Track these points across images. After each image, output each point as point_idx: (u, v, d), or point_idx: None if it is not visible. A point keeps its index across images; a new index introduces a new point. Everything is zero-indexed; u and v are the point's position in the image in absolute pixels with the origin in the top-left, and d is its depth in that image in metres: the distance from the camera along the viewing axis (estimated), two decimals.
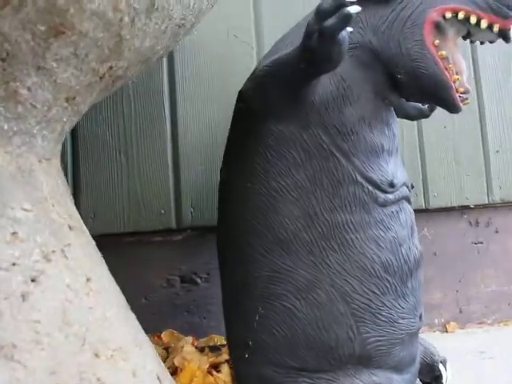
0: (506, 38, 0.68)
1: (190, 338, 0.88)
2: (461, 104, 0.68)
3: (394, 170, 0.69)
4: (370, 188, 0.66)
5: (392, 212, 0.68)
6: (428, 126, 1.05)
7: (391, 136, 0.70)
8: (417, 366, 0.73)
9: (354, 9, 0.54)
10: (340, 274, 0.65)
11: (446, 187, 1.06)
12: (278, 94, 0.65)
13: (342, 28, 0.55)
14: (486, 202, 1.08)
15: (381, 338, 0.66)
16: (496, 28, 0.66)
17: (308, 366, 0.65)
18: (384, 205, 0.67)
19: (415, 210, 1.03)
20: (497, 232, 1.11)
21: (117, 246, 0.93)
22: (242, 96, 0.71)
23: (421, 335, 0.75)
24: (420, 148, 1.06)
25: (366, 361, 0.66)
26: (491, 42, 0.71)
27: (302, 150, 0.66)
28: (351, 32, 0.67)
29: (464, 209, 1.08)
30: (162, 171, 0.94)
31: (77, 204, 0.92)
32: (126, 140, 0.94)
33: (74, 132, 0.92)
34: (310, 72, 0.61)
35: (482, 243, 1.10)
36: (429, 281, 1.07)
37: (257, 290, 0.67)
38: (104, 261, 0.60)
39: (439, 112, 1.07)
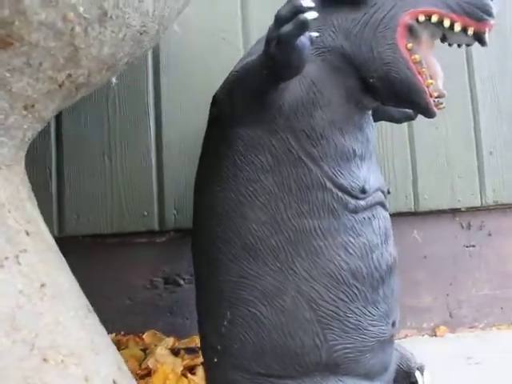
0: (481, 42, 0.66)
1: (171, 339, 0.89)
2: (435, 109, 0.67)
3: (366, 175, 0.69)
4: (340, 194, 0.66)
5: (364, 218, 0.67)
6: (419, 126, 1.04)
7: (364, 141, 0.69)
8: (390, 373, 0.72)
9: (310, 15, 0.53)
10: (306, 281, 0.64)
11: (436, 189, 1.04)
12: (245, 100, 0.65)
13: (299, 34, 0.54)
14: (479, 204, 1.06)
15: (349, 346, 0.65)
16: (470, 31, 0.65)
17: (274, 372, 0.65)
18: (355, 211, 0.66)
19: (405, 213, 1.04)
20: (490, 235, 1.09)
21: (100, 247, 0.94)
22: (214, 100, 0.71)
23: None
24: (411, 149, 1.04)
25: (334, 368, 0.65)
26: (468, 45, 0.69)
27: (271, 155, 0.65)
28: (320, 36, 0.67)
29: (456, 211, 1.06)
30: (146, 173, 0.94)
31: (60, 205, 0.94)
32: (110, 142, 0.94)
33: (57, 134, 0.93)
34: (274, 78, 0.60)
35: (474, 246, 1.08)
36: (418, 284, 1.05)
37: (224, 294, 0.67)
38: (65, 265, 0.60)
39: None
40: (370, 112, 0.73)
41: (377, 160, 0.93)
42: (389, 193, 0.75)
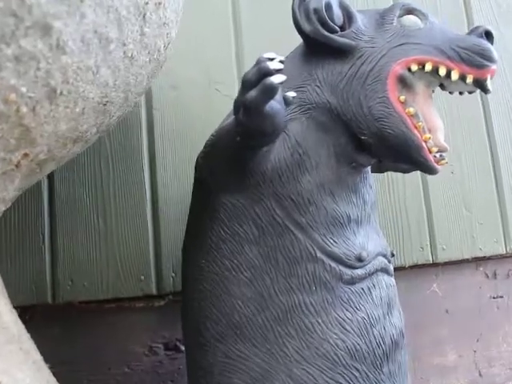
0: (483, 90, 0.60)
1: None
2: (436, 165, 0.60)
3: (363, 241, 0.62)
4: (333, 264, 0.59)
5: (362, 289, 0.61)
6: None
7: (360, 203, 0.63)
8: None
9: (277, 78, 0.48)
10: (298, 363, 0.58)
11: (455, 238, 0.96)
12: (224, 166, 0.60)
13: (266, 100, 0.49)
14: (504, 251, 0.97)
15: None
16: (470, 79, 0.58)
17: None
18: (351, 282, 0.60)
19: (422, 265, 0.96)
20: None
21: (97, 314, 0.90)
22: (196, 165, 0.67)
23: None
24: (425, 196, 0.97)
25: None
26: (470, 92, 0.63)
27: (255, 226, 0.60)
28: (304, 92, 0.62)
29: (478, 260, 0.98)
30: (142, 235, 0.90)
31: (54, 271, 0.90)
32: (104, 203, 0.90)
33: (50, 197, 0.90)
34: (248, 145, 0.55)
35: (501, 297, 0.99)
36: (441, 341, 0.97)
37: (214, 377, 0.61)
38: (30, 356, 0.55)
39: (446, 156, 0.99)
40: (369, 170, 0.67)
41: (379, 220, 0.87)
42: (393, 255, 0.68)
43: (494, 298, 0.99)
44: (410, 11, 0.63)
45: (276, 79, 0.48)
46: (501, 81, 1.04)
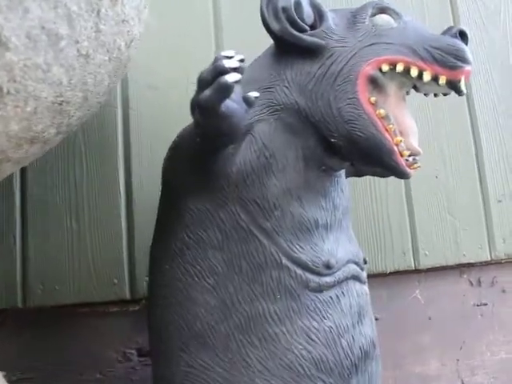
0: (457, 91, 0.58)
1: None
2: (408, 169, 0.58)
3: (332, 247, 0.60)
4: (299, 271, 0.57)
5: (330, 297, 0.58)
6: (416, 175, 0.94)
7: (330, 208, 0.61)
8: None
9: (232, 77, 0.46)
10: (261, 374, 0.55)
11: (438, 244, 0.94)
12: (187, 168, 0.58)
13: (220, 99, 0.47)
14: (488, 258, 0.95)
15: None
16: (442, 80, 0.56)
17: None
18: (318, 290, 0.58)
19: (404, 272, 0.94)
20: (504, 292, 0.97)
21: (69, 318, 0.87)
22: (162, 168, 0.64)
23: None
24: (407, 200, 0.95)
25: None
26: (445, 94, 0.61)
27: (219, 231, 0.58)
28: (272, 92, 0.60)
29: (462, 267, 0.96)
30: (116, 238, 0.87)
31: (25, 274, 0.87)
32: (78, 204, 0.88)
33: (22, 197, 0.88)
34: (208, 146, 0.53)
35: (486, 305, 0.97)
36: (423, 349, 0.95)
37: None
38: None
39: (428, 159, 0.97)
40: (341, 173, 0.65)
41: (359, 224, 0.86)
42: (365, 263, 0.66)
43: (477, 305, 0.97)
44: (382, 10, 0.60)
45: (231, 78, 0.46)
46: (487, 84, 1.02)
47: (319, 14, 0.61)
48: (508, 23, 1.07)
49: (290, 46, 0.60)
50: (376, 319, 0.92)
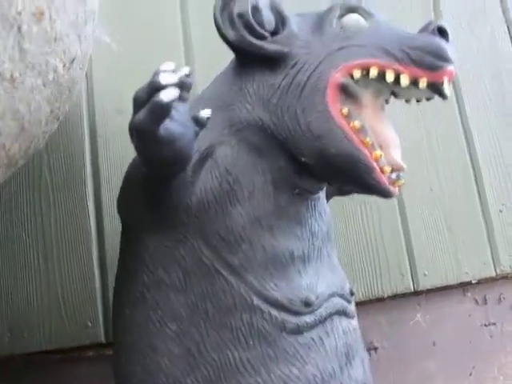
0: (441, 95, 0.51)
1: None
2: (391, 188, 0.51)
3: (312, 281, 0.53)
4: (274, 312, 0.50)
5: (312, 339, 0.51)
6: (409, 189, 0.87)
7: (307, 236, 0.54)
8: None
9: (168, 95, 0.39)
10: None
11: (438, 262, 0.87)
12: (140, 202, 0.51)
13: (157, 122, 0.40)
14: (493, 274, 0.87)
15: None
16: (423, 83, 0.50)
17: None
18: (297, 332, 0.51)
19: (402, 295, 0.86)
20: None
21: (41, 366, 0.80)
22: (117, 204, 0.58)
23: None
24: (401, 216, 0.87)
25: None
26: (428, 99, 0.54)
27: (181, 270, 0.51)
28: (233, 110, 0.53)
29: (466, 285, 0.88)
30: (87, 276, 0.80)
31: None
32: (45, 241, 0.81)
33: None
34: (155, 176, 0.46)
35: (494, 324, 0.89)
36: (430, 377, 0.87)
37: None
38: None
39: (422, 172, 0.90)
40: (319, 195, 0.58)
41: (351, 246, 0.79)
42: (352, 294, 0.58)
43: (485, 325, 0.89)
44: (351, 10, 0.54)
45: (166, 95, 0.39)
46: (478, 87, 0.95)
47: (281, 19, 0.54)
48: (494, 20, 1.01)
49: (250, 56, 0.53)
50: (375, 348, 0.86)
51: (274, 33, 0.54)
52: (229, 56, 0.58)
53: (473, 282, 0.87)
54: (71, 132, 0.86)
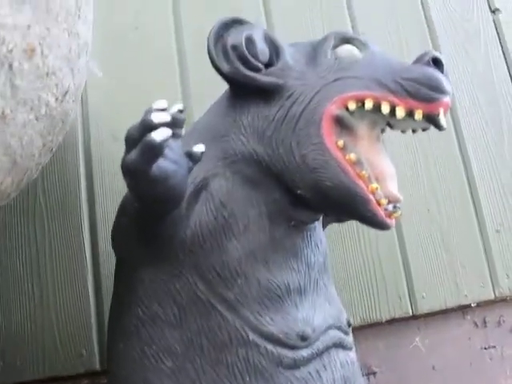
0: (437, 126, 0.51)
1: None
2: (387, 220, 0.51)
3: (308, 314, 0.52)
4: (270, 347, 0.49)
5: (309, 373, 0.50)
6: (406, 211, 0.87)
7: (303, 268, 0.53)
8: None
9: (160, 134, 0.39)
10: None
11: (436, 285, 0.86)
12: (134, 236, 0.51)
13: (149, 162, 0.40)
14: (492, 296, 0.87)
15: None
16: (419, 115, 0.49)
17: None
18: (294, 366, 0.50)
19: (401, 319, 0.85)
20: None
21: None
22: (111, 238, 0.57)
23: None
24: (399, 238, 0.87)
25: None
26: (424, 129, 0.54)
27: (176, 305, 0.50)
28: (227, 142, 0.53)
29: (465, 308, 0.87)
30: (82, 304, 0.79)
31: None
32: (40, 269, 0.81)
33: None
34: (148, 213, 0.46)
35: (494, 347, 0.88)
36: None
37: None
38: None
39: (419, 193, 0.90)
40: (315, 226, 0.57)
41: (347, 271, 0.79)
42: (350, 325, 0.58)
43: (485, 348, 0.88)
44: (346, 40, 0.54)
45: (158, 135, 0.39)
46: (474, 109, 0.95)
47: (275, 50, 0.54)
48: (489, 44, 1.01)
49: (245, 88, 0.53)
50: (374, 373, 0.85)
51: (268, 64, 0.54)
52: (224, 83, 0.58)
53: (472, 305, 0.87)
54: (66, 157, 0.85)
